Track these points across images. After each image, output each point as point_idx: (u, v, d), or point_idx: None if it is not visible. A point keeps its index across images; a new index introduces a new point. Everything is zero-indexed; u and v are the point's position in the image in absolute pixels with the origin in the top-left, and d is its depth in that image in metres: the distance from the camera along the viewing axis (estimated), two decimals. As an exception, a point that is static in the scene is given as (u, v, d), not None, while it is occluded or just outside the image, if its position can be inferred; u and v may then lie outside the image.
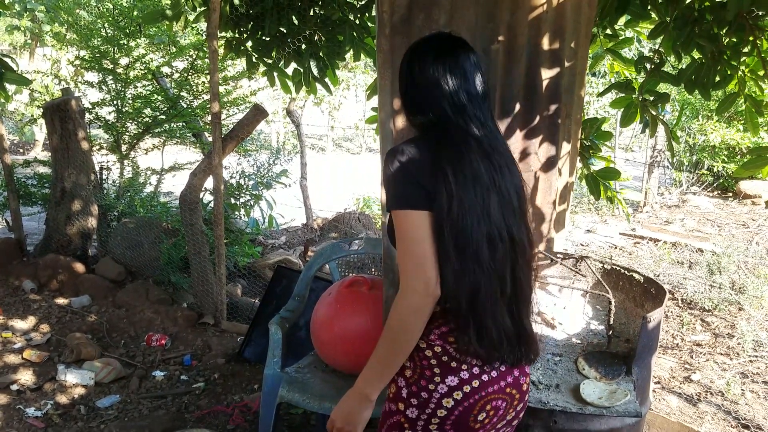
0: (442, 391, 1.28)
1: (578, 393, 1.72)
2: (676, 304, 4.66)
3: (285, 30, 3.38)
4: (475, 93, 1.33)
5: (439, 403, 1.28)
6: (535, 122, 2.12)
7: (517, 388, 1.36)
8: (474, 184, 1.25)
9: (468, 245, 1.23)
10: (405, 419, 1.32)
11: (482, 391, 1.29)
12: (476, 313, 1.26)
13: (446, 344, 1.29)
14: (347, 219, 6.47)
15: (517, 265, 1.30)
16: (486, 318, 1.26)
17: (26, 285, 4.33)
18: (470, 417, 1.29)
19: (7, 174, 4.76)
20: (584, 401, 1.69)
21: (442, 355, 1.29)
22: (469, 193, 1.24)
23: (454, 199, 1.23)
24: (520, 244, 1.31)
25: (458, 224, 1.23)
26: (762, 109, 2.57)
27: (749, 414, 3.13)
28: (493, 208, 1.27)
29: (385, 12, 2.03)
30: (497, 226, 1.27)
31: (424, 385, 1.29)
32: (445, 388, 1.28)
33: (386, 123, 2.10)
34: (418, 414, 1.30)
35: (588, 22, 2.17)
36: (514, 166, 1.36)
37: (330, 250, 2.79)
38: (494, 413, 1.33)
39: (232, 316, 4.20)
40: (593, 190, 2.86)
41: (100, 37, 5.31)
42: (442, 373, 1.28)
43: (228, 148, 3.98)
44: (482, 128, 1.32)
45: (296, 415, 2.89)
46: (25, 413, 2.93)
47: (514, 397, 1.36)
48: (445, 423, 1.29)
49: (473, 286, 1.24)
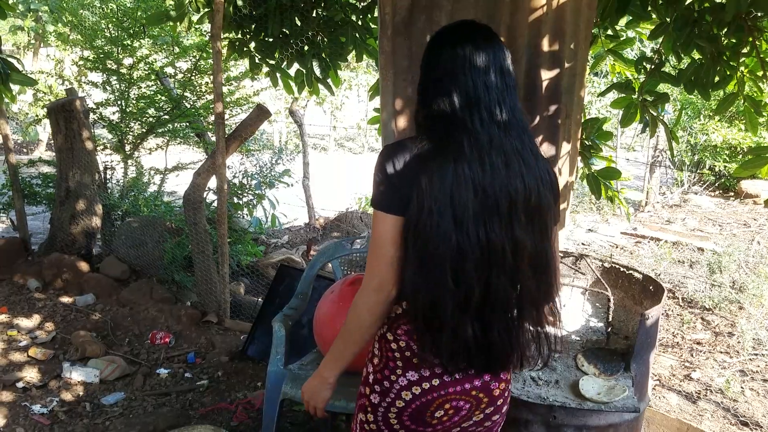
0: (402, 383, 1.32)
1: (577, 389, 1.75)
2: (676, 302, 4.68)
3: (288, 31, 3.41)
4: (494, 84, 1.27)
5: (398, 394, 1.32)
6: (535, 122, 2.15)
7: (486, 392, 1.35)
8: (451, 194, 1.21)
9: (431, 258, 1.22)
10: (369, 403, 1.38)
11: (441, 390, 1.31)
12: (432, 325, 1.26)
13: (410, 341, 1.31)
14: (349, 218, 6.50)
15: (492, 274, 1.25)
16: (444, 330, 1.25)
17: (31, 284, 4.36)
18: (427, 413, 1.33)
19: (12, 174, 4.80)
20: (583, 397, 1.71)
21: (406, 350, 1.32)
22: (444, 203, 1.21)
23: (423, 211, 1.21)
24: (498, 251, 1.24)
25: (424, 236, 1.21)
26: (761, 109, 2.60)
27: (749, 411, 3.15)
28: (472, 217, 1.22)
29: (387, 13, 2.06)
30: (471, 236, 1.22)
31: (387, 374, 1.34)
32: (405, 382, 1.32)
33: (388, 123, 2.13)
34: (380, 401, 1.35)
35: (588, 23, 2.19)
36: (521, 166, 1.26)
37: (332, 248, 2.81)
38: (454, 413, 1.34)
39: (235, 314, 4.23)
40: (594, 190, 2.89)
41: (104, 37, 5.35)
42: (404, 366, 1.32)
43: (231, 148, 4.02)
44: (491, 124, 1.25)
45: (299, 412, 2.91)
46: (31, 410, 2.96)
47: (481, 401, 1.36)
48: (402, 414, 1.33)
49: (431, 299, 1.24)
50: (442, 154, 1.23)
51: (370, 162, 6.56)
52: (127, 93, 5.33)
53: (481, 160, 1.23)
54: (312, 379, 1.46)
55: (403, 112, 2.10)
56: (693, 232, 6.86)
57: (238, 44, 3.65)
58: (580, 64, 2.19)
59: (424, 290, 1.24)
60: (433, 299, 1.24)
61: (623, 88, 2.81)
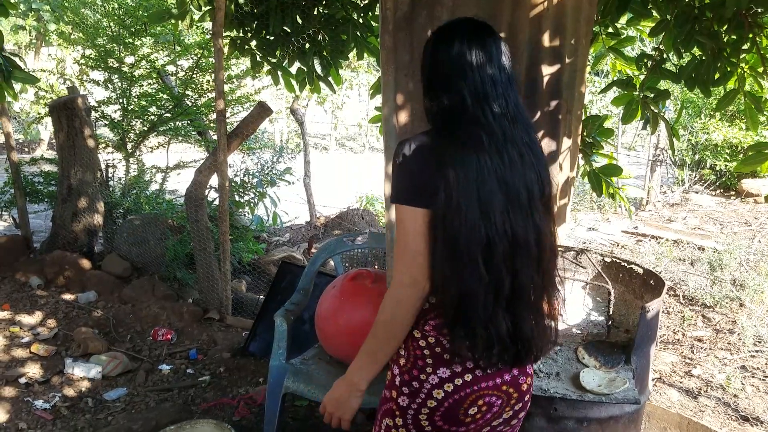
0: (433, 381, 1.28)
1: (578, 381, 1.76)
2: (677, 300, 4.68)
3: (289, 29, 3.42)
4: (499, 79, 1.29)
5: (429, 393, 1.28)
6: (536, 118, 2.16)
7: (515, 387, 1.35)
8: (477, 186, 1.22)
9: (461, 251, 1.22)
10: (396, 407, 1.33)
11: (474, 386, 1.29)
12: (465, 317, 1.24)
13: (440, 336, 1.28)
14: (350, 216, 6.51)
15: (517, 264, 1.26)
16: (476, 322, 1.24)
17: (33, 281, 4.38)
18: (460, 410, 1.29)
19: (14, 171, 4.81)
20: (584, 389, 1.72)
21: (436, 346, 1.28)
22: (471, 196, 1.22)
23: (452, 202, 1.21)
24: (524, 244, 1.26)
25: (453, 229, 1.21)
26: (761, 106, 2.60)
27: (749, 407, 3.16)
28: (497, 209, 1.23)
29: (389, 9, 2.07)
30: (498, 228, 1.23)
31: (416, 374, 1.30)
32: (436, 379, 1.28)
33: (390, 119, 2.14)
34: (409, 403, 1.31)
35: (588, 19, 2.20)
36: (531, 158, 1.30)
37: (334, 244, 2.83)
38: (487, 409, 1.32)
39: (237, 311, 4.24)
40: (595, 187, 2.89)
41: (105, 35, 5.36)
42: (434, 364, 1.28)
43: (233, 145, 4.02)
44: (501, 117, 1.27)
45: (300, 408, 2.92)
46: (34, 405, 2.97)
47: (512, 396, 1.35)
48: (434, 414, 1.29)
49: (462, 290, 1.23)
50: (463, 147, 1.24)
51: (371, 161, 6.57)
52: (129, 91, 5.34)
53: (500, 152, 1.25)
54: (337, 388, 1.37)
55: (405, 107, 2.11)
56: (694, 231, 6.87)
57: (239, 42, 3.65)
58: (581, 60, 2.20)
59: (455, 283, 1.23)
60: (465, 291, 1.23)
61: (624, 84, 2.81)
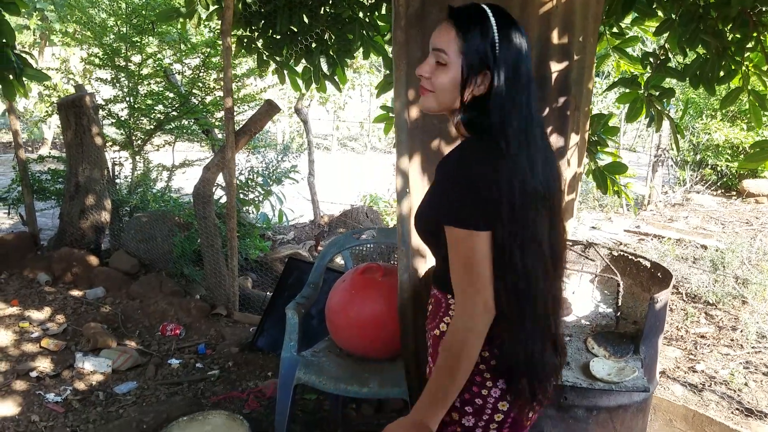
0: (496, 395, 1.25)
1: (588, 370, 1.79)
2: (680, 297, 4.72)
3: (296, 28, 3.45)
4: (531, 77, 1.22)
5: (494, 407, 1.25)
6: (545, 114, 2.19)
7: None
8: (531, 200, 1.17)
9: (523, 272, 1.18)
10: (462, 429, 1.27)
11: None
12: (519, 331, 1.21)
13: (493, 347, 1.23)
14: (355, 214, 6.54)
15: (554, 280, 1.25)
16: (529, 334, 1.22)
17: (41, 278, 4.41)
18: (524, 416, 1.29)
19: (22, 169, 4.85)
20: (594, 377, 1.76)
21: (490, 359, 1.24)
22: (529, 212, 1.17)
23: (517, 222, 1.15)
24: (559, 257, 1.24)
25: (514, 247, 1.16)
26: (765, 103, 2.64)
27: (752, 401, 3.19)
28: (545, 225, 1.19)
29: (401, 5, 2.10)
30: (546, 245, 1.20)
31: (476, 391, 1.25)
32: (498, 392, 1.25)
33: (401, 113, 2.17)
34: (476, 421, 1.26)
35: (596, 17, 2.24)
36: (552, 158, 1.26)
37: (343, 239, 2.86)
38: (538, 407, 1.33)
39: (243, 308, 4.27)
40: (600, 185, 2.93)
41: (113, 34, 5.40)
42: (492, 377, 1.24)
43: (241, 143, 4.06)
44: (530, 119, 1.21)
45: (310, 401, 2.96)
46: (45, 398, 3.00)
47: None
48: (503, 426, 1.27)
49: (519, 307, 1.19)
50: (515, 159, 1.17)
51: (373, 161, 6.62)
52: (136, 90, 5.38)
53: (534, 163, 1.20)
54: (400, 428, 1.19)
55: (416, 102, 2.14)
56: (696, 230, 6.90)
57: (246, 41, 3.69)
58: (589, 57, 2.24)
59: (513, 302, 1.19)
60: (522, 311, 1.20)
61: (629, 83, 2.85)
